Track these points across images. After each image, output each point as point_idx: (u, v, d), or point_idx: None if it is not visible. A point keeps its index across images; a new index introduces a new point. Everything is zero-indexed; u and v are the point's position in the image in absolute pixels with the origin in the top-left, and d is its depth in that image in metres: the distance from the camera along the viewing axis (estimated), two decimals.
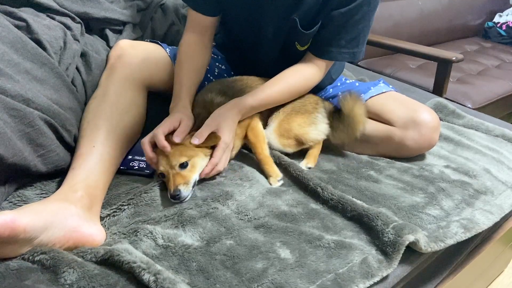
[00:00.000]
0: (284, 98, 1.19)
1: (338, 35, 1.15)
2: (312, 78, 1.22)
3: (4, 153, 0.86)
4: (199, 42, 1.23)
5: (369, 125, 1.22)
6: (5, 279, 0.74)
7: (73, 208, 0.87)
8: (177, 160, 0.99)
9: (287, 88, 1.18)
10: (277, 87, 1.17)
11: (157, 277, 0.74)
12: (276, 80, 1.18)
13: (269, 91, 1.16)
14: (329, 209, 1.02)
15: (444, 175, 1.16)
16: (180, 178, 0.98)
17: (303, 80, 1.20)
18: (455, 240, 0.96)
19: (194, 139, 1.02)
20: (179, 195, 0.97)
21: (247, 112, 1.13)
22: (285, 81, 1.18)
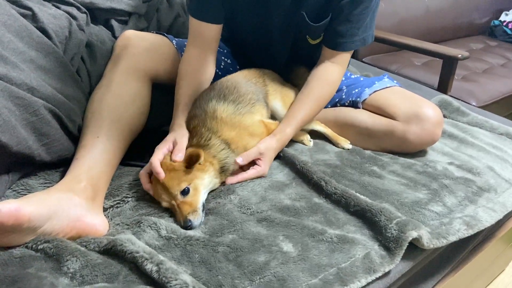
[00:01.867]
0: (316, 112, 1.21)
1: (350, 24, 1.14)
2: (336, 79, 1.21)
3: (9, 141, 0.86)
4: (201, 58, 1.17)
5: (372, 118, 1.22)
6: (8, 266, 0.74)
7: (77, 199, 0.88)
8: (176, 189, 0.93)
9: (316, 102, 1.18)
10: (307, 106, 1.17)
11: (159, 267, 0.75)
12: (303, 98, 1.18)
13: (302, 114, 1.16)
14: (332, 203, 1.02)
15: (448, 172, 1.16)
16: (186, 206, 0.92)
17: (328, 86, 1.20)
18: (457, 237, 0.96)
19: (239, 159, 1.04)
20: (191, 225, 0.90)
21: (287, 140, 1.16)
22: (312, 96, 1.18)
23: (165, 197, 0.94)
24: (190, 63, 1.17)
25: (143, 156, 1.13)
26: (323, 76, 1.19)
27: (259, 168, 1.07)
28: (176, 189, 0.93)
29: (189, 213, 0.91)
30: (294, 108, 1.17)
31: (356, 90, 1.29)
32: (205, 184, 0.97)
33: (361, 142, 1.25)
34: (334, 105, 1.32)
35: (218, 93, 1.10)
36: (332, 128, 1.28)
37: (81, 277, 0.74)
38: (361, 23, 1.15)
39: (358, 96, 1.27)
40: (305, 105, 1.17)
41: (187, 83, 1.15)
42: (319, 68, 1.20)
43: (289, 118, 1.16)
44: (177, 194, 0.93)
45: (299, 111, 1.16)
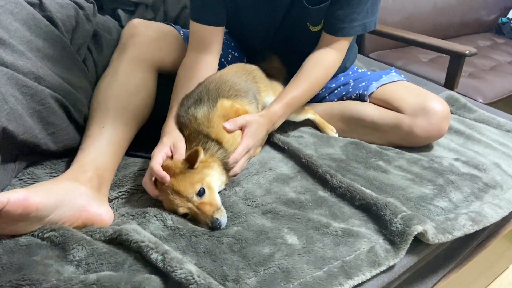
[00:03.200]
0: (309, 95, 1.18)
1: (350, 8, 1.13)
2: (332, 64, 1.20)
3: (15, 130, 0.86)
4: (202, 63, 1.15)
5: (378, 112, 1.21)
6: (14, 254, 0.75)
7: (83, 188, 0.88)
8: (191, 191, 0.89)
9: (310, 84, 1.17)
10: (300, 87, 1.15)
11: (164, 256, 0.75)
12: (297, 79, 1.17)
13: (293, 93, 1.14)
14: (337, 197, 1.02)
15: (454, 167, 1.15)
16: (207, 206, 0.88)
17: (323, 70, 1.19)
18: (462, 232, 0.95)
19: (227, 123, 1.00)
20: (220, 224, 0.87)
21: (277, 120, 1.12)
22: (307, 77, 1.17)
23: (180, 203, 0.89)
24: (190, 68, 1.15)
25: (149, 148, 1.13)
26: (319, 60, 1.18)
27: (243, 141, 1.02)
28: (190, 191, 0.89)
29: (214, 212, 0.87)
30: (286, 88, 1.16)
31: (363, 84, 1.28)
32: (215, 181, 0.95)
33: (367, 135, 1.24)
34: (341, 99, 1.32)
35: (195, 99, 1.06)
36: (337, 122, 1.27)
37: (87, 265, 0.74)
38: (361, 8, 1.14)
39: (365, 90, 1.26)
40: (297, 85, 1.15)
41: (183, 89, 1.10)
42: (315, 53, 1.20)
43: (278, 97, 1.14)
44: (193, 197, 0.89)
45: (289, 90, 1.15)
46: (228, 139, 1.01)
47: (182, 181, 0.89)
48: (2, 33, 0.90)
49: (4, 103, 0.83)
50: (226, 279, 0.77)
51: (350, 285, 0.80)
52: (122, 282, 0.69)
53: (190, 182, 0.89)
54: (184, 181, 0.89)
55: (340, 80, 1.34)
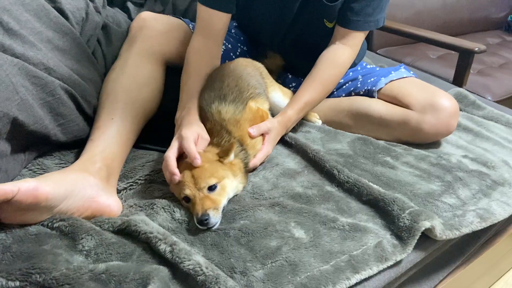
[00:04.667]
0: (323, 96, 1.20)
1: (366, 2, 1.13)
2: (345, 62, 1.20)
3: (26, 120, 0.87)
4: (208, 49, 1.15)
5: (387, 108, 1.21)
6: (24, 243, 0.75)
7: (92, 179, 0.88)
8: (206, 182, 0.88)
9: (322, 85, 1.18)
10: (312, 89, 1.16)
11: (173, 247, 0.75)
12: (311, 80, 1.17)
13: (306, 97, 1.16)
14: (344, 192, 1.02)
15: (462, 164, 1.15)
16: (209, 201, 0.86)
17: (337, 69, 1.19)
18: (470, 229, 0.95)
19: (251, 129, 1.03)
20: (207, 220, 0.84)
21: (291, 124, 1.17)
22: (319, 78, 1.17)
23: (189, 187, 0.88)
24: (199, 53, 1.13)
25: (157, 140, 1.13)
26: (332, 58, 1.18)
27: (264, 147, 1.07)
28: (205, 182, 0.88)
29: (210, 208, 0.85)
30: (299, 91, 1.17)
31: (371, 79, 1.28)
32: (232, 187, 0.94)
33: (374, 131, 1.24)
34: (349, 94, 1.31)
35: (218, 93, 1.07)
36: (345, 117, 1.27)
37: (96, 255, 0.75)
38: (377, 3, 1.14)
39: (373, 85, 1.26)
40: (310, 87, 1.16)
41: (196, 73, 1.11)
42: (328, 50, 1.19)
43: (292, 101, 1.16)
44: (204, 187, 0.88)
45: (303, 94, 1.16)
46: (250, 143, 1.04)
47: (203, 170, 0.89)
48: (13, 23, 0.91)
49: (15, 93, 0.83)
50: (233, 271, 0.77)
51: (357, 279, 0.81)
52: (131, 272, 0.70)
53: (210, 174, 0.89)
54: (206, 171, 0.89)
55: (349, 75, 1.34)
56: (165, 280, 0.70)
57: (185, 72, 1.13)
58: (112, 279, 0.69)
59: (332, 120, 1.29)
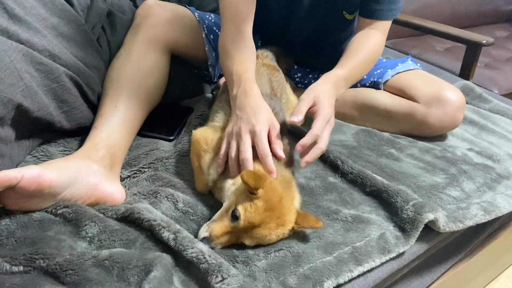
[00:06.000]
0: (365, 70, 1.13)
1: None
2: (377, 46, 1.16)
3: (30, 106, 0.86)
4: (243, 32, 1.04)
5: (392, 100, 1.20)
6: (28, 229, 0.75)
7: (95, 166, 0.88)
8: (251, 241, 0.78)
9: (361, 61, 1.11)
10: (357, 58, 1.10)
11: (176, 235, 0.75)
12: (348, 55, 1.10)
13: (354, 61, 1.08)
14: (347, 183, 1.01)
15: (467, 157, 1.14)
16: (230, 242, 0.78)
17: (370, 51, 1.14)
18: (474, 221, 0.95)
19: (293, 117, 0.86)
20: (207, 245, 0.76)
21: (341, 85, 1.03)
22: (358, 55, 1.11)
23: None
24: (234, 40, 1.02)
25: (161, 128, 1.14)
26: (365, 41, 1.14)
27: (319, 112, 0.88)
28: (256, 240, 0.77)
29: (218, 245, 0.77)
30: (345, 56, 1.08)
31: (378, 71, 1.27)
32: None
33: (379, 123, 1.23)
34: (354, 86, 1.29)
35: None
36: (350, 109, 1.26)
37: (99, 241, 0.75)
38: None
39: (380, 77, 1.25)
40: (356, 56, 1.09)
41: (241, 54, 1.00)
42: (359, 35, 1.16)
43: (341, 63, 1.06)
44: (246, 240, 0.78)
45: (350, 58, 1.08)
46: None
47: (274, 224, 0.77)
48: (18, 10, 0.90)
49: (19, 79, 0.83)
50: (236, 260, 0.78)
51: (360, 271, 0.80)
52: (134, 259, 0.70)
53: (278, 232, 0.78)
54: (274, 226, 0.77)
55: None
56: (168, 268, 0.70)
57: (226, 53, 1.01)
58: (115, 265, 0.69)
59: (337, 112, 1.26)
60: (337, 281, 0.77)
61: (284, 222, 0.78)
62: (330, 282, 0.76)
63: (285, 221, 0.78)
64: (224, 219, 0.77)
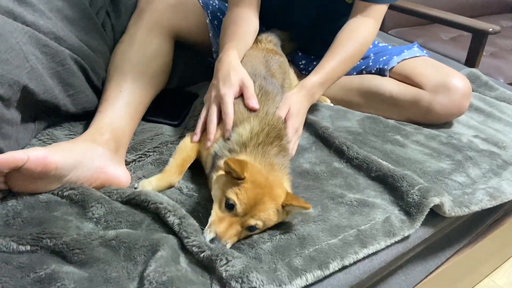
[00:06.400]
0: (346, 68, 1.12)
1: None
2: (367, 36, 1.13)
3: (36, 89, 0.86)
4: (245, 15, 1.10)
5: (398, 87, 1.19)
6: (35, 209, 0.76)
7: (100, 149, 0.88)
8: (258, 221, 0.76)
9: (345, 57, 1.10)
10: (337, 59, 1.09)
11: (181, 220, 0.75)
12: (333, 51, 1.10)
13: (331, 64, 1.08)
14: (353, 168, 1.01)
15: (473, 144, 1.14)
16: (237, 235, 0.76)
17: (358, 44, 1.11)
18: (480, 207, 0.95)
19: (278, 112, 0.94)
20: (215, 245, 0.73)
21: (316, 91, 1.06)
22: (342, 51, 1.09)
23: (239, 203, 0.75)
24: (235, 22, 1.09)
25: (165, 113, 1.13)
26: (353, 32, 1.12)
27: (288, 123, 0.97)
28: (254, 220, 0.76)
29: (230, 241, 0.76)
30: (323, 61, 1.09)
31: (384, 58, 1.26)
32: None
33: (385, 111, 1.22)
34: (360, 73, 1.29)
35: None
36: (355, 96, 1.26)
37: (106, 222, 0.75)
38: None
39: (385, 64, 1.24)
40: (334, 59, 1.09)
41: (233, 31, 1.06)
42: (350, 23, 1.14)
43: (316, 69, 1.08)
44: (249, 221, 0.76)
45: (327, 62, 1.08)
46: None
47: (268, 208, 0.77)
48: None
49: (25, 61, 0.83)
50: (241, 242, 0.78)
51: (365, 254, 0.81)
52: (140, 239, 0.70)
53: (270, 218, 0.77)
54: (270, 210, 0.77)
55: None
56: (174, 248, 0.70)
57: (223, 33, 1.08)
58: (122, 245, 0.69)
59: (342, 99, 1.28)
60: (343, 262, 0.77)
61: (275, 196, 0.77)
62: (335, 263, 0.76)
63: (276, 195, 0.77)
64: (220, 214, 0.76)
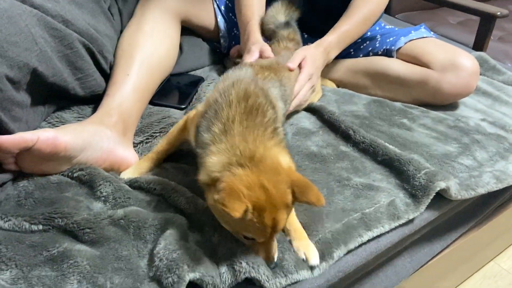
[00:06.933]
0: (361, 29, 1.20)
1: None
2: (379, 8, 1.20)
3: (45, 71, 0.87)
4: None
5: (405, 67, 1.19)
6: (46, 190, 0.77)
7: (108, 132, 0.89)
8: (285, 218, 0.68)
9: (361, 19, 1.18)
10: (353, 20, 1.17)
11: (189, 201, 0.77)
12: (349, 14, 1.18)
13: (347, 24, 1.16)
14: (359, 152, 1.02)
15: (480, 127, 1.13)
16: (275, 243, 0.71)
17: (373, 5, 1.19)
18: (486, 189, 0.95)
19: (290, 64, 1.02)
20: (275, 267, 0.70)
21: (332, 50, 1.15)
22: (358, 12, 1.17)
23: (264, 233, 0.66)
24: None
25: (173, 97, 1.14)
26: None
27: (303, 69, 1.06)
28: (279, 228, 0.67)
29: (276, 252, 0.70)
30: (340, 21, 1.17)
31: (391, 39, 1.25)
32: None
33: (392, 91, 1.22)
34: (367, 55, 1.29)
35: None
36: (362, 78, 1.25)
37: (114, 199, 0.76)
38: None
39: (392, 45, 1.23)
40: (350, 19, 1.17)
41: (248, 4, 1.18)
42: None
43: (333, 29, 1.16)
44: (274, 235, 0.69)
45: (344, 22, 1.16)
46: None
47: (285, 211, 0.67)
48: None
49: (34, 44, 0.84)
50: None
51: (370, 237, 0.81)
52: (149, 218, 0.71)
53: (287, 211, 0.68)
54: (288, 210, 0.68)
55: (367, 34, 1.31)
56: (183, 227, 0.72)
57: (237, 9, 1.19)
58: (131, 224, 0.71)
59: (349, 82, 1.27)
60: (347, 248, 0.78)
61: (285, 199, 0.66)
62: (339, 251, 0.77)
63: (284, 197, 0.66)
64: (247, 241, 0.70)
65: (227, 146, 0.67)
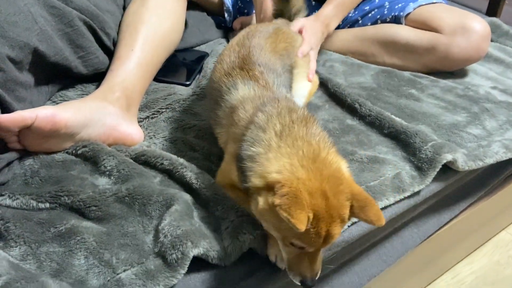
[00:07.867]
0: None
1: None
2: None
3: (46, 51, 0.87)
4: None
5: (414, 33, 1.16)
6: (52, 168, 0.79)
7: (111, 108, 0.89)
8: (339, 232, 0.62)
9: None
10: None
11: (198, 176, 0.77)
12: None
13: None
14: (365, 125, 1.01)
15: (490, 95, 1.11)
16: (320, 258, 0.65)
17: None
18: (495, 159, 0.94)
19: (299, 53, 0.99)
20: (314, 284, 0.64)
21: (331, 21, 1.15)
22: None
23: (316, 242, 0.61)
24: None
25: (178, 74, 1.13)
26: None
27: (305, 38, 1.05)
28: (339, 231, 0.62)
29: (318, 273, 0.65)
30: None
31: (399, 5, 1.22)
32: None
33: (401, 59, 1.20)
34: (375, 23, 1.26)
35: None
36: (370, 46, 1.23)
37: (118, 172, 0.77)
38: None
39: (401, 10, 1.20)
40: None
41: None
42: None
43: (326, 2, 1.15)
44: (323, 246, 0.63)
45: None
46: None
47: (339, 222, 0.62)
48: None
49: (34, 23, 0.83)
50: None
51: None
52: (154, 194, 0.72)
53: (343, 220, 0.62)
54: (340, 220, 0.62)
55: (375, 2, 1.27)
56: (188, 203, 0.72)
57: None
58: (136, 201, 0.71)
59: (357, 51, 1.25)
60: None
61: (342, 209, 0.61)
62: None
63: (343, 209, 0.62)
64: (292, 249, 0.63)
65: (286, 149, 0.63)
